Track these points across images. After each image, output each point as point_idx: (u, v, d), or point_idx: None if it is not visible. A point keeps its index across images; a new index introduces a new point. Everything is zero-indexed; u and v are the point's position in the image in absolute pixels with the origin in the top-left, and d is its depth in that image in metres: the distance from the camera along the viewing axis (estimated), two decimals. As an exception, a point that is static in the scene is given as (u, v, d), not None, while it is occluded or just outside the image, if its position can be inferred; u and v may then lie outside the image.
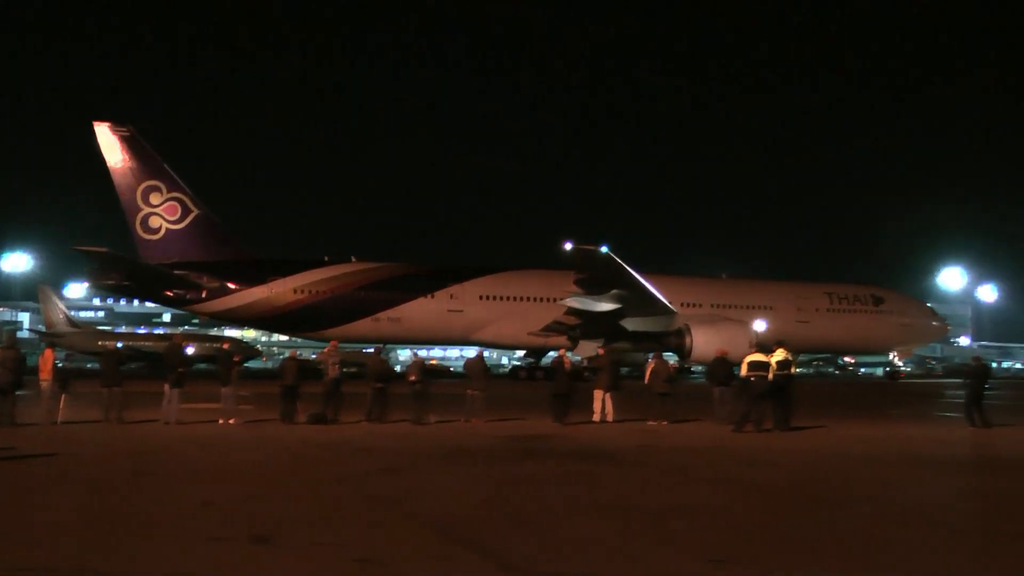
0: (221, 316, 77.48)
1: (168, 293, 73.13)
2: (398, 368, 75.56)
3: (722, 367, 31.63)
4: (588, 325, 72.21)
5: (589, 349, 68.71)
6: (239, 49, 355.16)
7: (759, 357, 28.11)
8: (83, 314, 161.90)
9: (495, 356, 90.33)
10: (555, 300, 73.86)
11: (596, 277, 67.99)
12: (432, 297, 74.70)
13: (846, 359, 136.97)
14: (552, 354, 75.88)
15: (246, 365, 68.33)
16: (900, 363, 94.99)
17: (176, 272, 70.89)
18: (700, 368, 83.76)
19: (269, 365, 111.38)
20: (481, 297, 75.77)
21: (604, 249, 65.04)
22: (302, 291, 72.86)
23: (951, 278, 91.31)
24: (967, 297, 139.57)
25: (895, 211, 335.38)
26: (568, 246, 66.75)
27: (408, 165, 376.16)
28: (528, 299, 76.43)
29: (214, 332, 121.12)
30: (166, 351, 31.38)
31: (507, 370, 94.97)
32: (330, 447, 22.48)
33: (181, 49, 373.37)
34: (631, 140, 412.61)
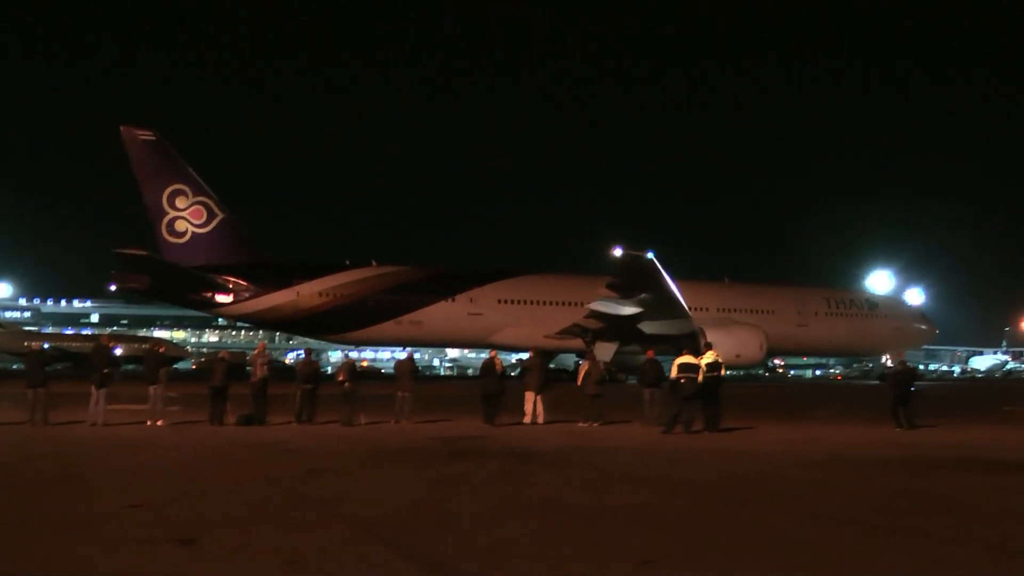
0: (247, 319, 79.49)
1: (195, 296, 73.88)
2: (328, 369, 75.53)
3: (652, 369, 31.77)
4: (609, 328, 74.20)
5: (605, 351, 72.70)
6: (241, 51, 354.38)
7: (689, 359, 28.26)
8: (8, 314, 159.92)
9: (509, 358, 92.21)
10: (570, 304, 76.77)
11: (633, 281, 69.37)
12: (452, 301, 76.64)
13: (776, 361, 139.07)
14: (573, 358, 78.30)
15: (175, 366, 67.93)
16: (891, 365, 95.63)
17: (208, 276, 71.81)
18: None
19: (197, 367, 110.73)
20: (499, 301, 77.97)
21: (650, 255, 66.85)
22: (327, 294, 74.16)
23: (879, 281, 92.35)
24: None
25: (825, 213, 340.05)
26: (618, 251, 67.71)
27: (415, 168, 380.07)
28: (544, 303, 78.74)
29: (142, 333, 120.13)
30: (92, 352, 30.99)
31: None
32: (259, 448, 22.37)
33: (193, 52, 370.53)
34: (632, 142, 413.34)
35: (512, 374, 46.78)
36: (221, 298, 72.90)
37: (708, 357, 28.56)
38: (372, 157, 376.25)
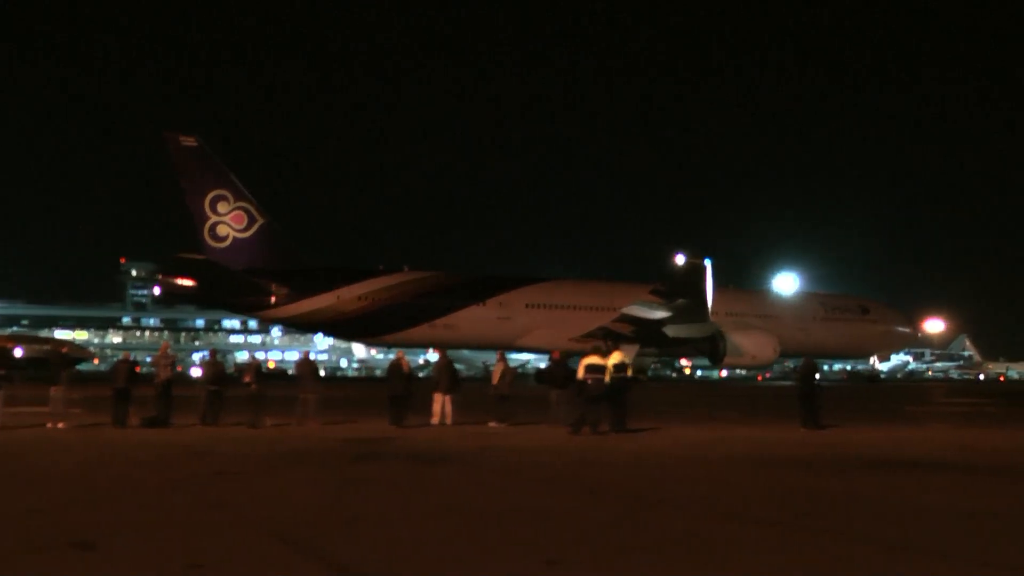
0: (289, 322, 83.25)
1: (240, 300, 76.73)
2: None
3: (559, 370, 31.87)
4: (637, 331, 77.44)
5: (627, 353, 71.91)
6: (264, 56, 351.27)
7: (596, 360, 28.36)
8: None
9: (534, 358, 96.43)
10: (594, 308, 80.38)
11: (680, 287, 72.57)
12: (483, 305, 79.37)
13: (682, 361, 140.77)
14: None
15: (77, 368, 66.98)
16: (880, 367, 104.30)
17: (259, 281, 73.86)
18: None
19: (102, 368, 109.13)
20: (527, 305, 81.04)
21: (708, 262, 71.01)
22: (366, 298, 76.64)
23: (785, 283, 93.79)
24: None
25: (733, 216, 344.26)
26: (680, 258, 71.56)
27: (440, 174, 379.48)
28: (570, 307, 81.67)
29: (43, 334, 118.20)
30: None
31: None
32: (163, 450, 22.07)
33: (202, 55, 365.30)
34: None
35: (420, 375, 46.72)
36: (267, 302, 75.05)
37: (614, 358, 28.68)
38: (398, 163, 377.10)
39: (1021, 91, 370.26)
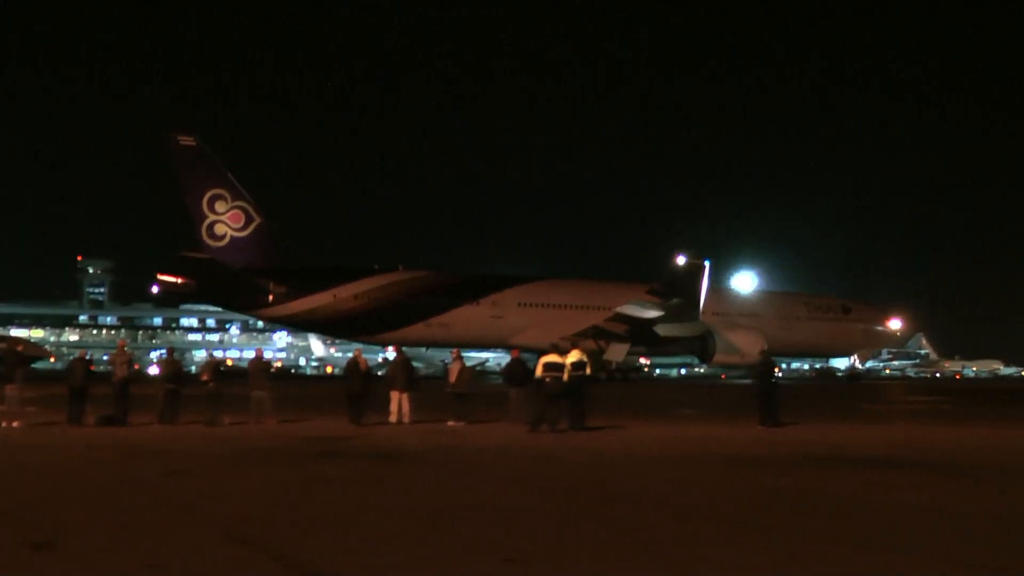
0: (286, 321, 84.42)
1: (240, 299, 78.55)
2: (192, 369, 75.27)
3: (518, 368, 31.92)
4: (629, 330, 79.53)
5: (618, 351, 79.49)
6: (258, 56, 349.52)
7: (554, 358, 28.42)
8: None
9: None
10: (585, 307, 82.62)
11: (678, 287, 74.82)
12: (477, 304, 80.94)
13: (642, 360, 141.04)
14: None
15: (33, 366, 66.46)
16: (860, 366, 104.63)
17: (260, 280, 75.20)
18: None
19: (58, 366, 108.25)
20: (519, 304, 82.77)
21: (707, 262, 73.36)
22: (362, 297, 77.81)
23: (743, 282, 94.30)
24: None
25: (688, 214, 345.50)
26: (681, 259, 73.31)
27: (429, 173, 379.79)
28: (561, 306, 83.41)
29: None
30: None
31: None
32: (120, 449, 21.99)
33: (200, 58, 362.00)
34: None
35: (379, 373, 46.69)
36: (264, 300, 76.30)
37: (573, 356, 28.74)
38: (388, 161, 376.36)
39: (974, 90, 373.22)
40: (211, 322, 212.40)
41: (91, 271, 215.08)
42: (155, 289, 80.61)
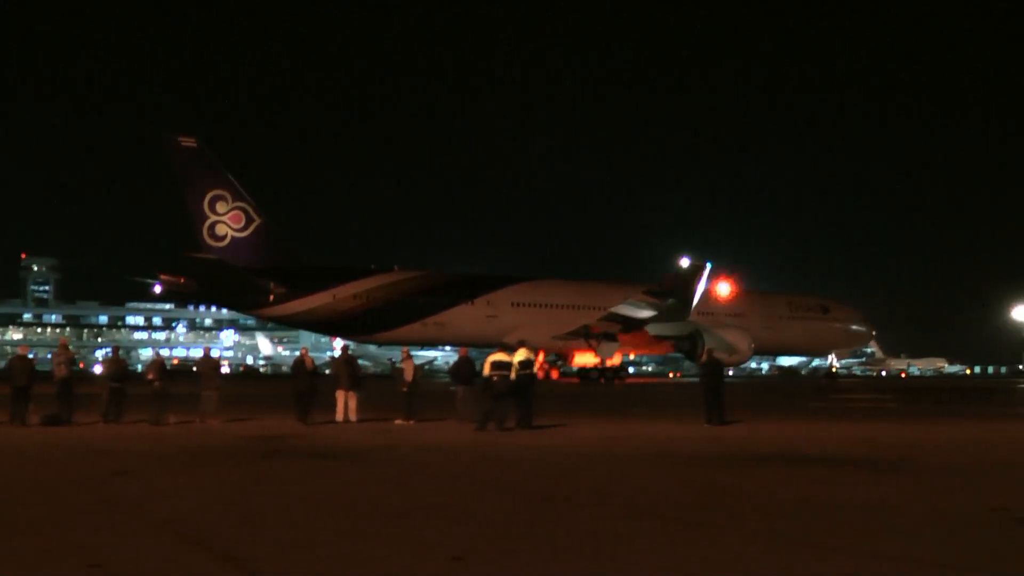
0: (286, 320, 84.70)
1: (241, 299, 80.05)
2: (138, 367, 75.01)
3: (465, 366, 31.96)
4: (625, 329, 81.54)
5: (608, 350, 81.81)
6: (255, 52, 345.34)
7: (501, 357, 28.47)
8: None
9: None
10: (576, 307, 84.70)
11: (677, 288, 76.41)
12: (472, 304, 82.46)
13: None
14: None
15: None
16: (837, 364, 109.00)
17: (263, 280, 76.18)
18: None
19: (1, 364, 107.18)
20: (513, 304, 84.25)
21: (709, 265, 75.27)
22: (361, 297, 78.92)
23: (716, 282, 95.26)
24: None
25: (641, 210, 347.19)
26: (685, 261, 75.44)
27: (425, 172, 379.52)
28: (554, 306, 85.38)
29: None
30: None
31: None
32: (64, 449, 21.86)
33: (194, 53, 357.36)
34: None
35: (326, 372, 46.61)
36: (265, 300, 77.44)
37: (520, 355, 28.81)
38: (383, 160, 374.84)
39: (929, 91, 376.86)
40: (157, 320, 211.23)
41: (35, 268, 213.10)
42: (157, 288, 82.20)
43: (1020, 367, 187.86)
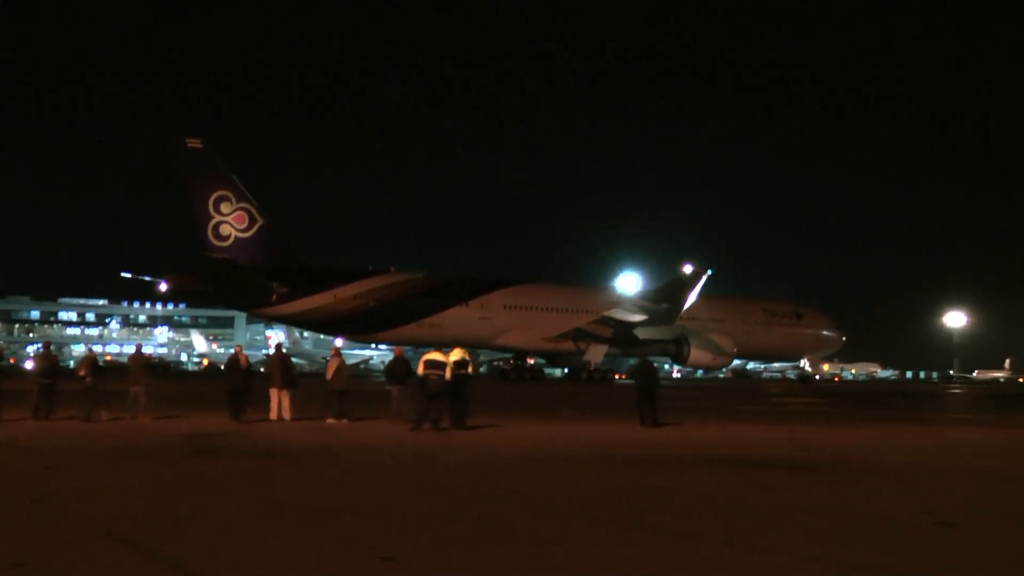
0: (288, 319, 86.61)
1: (247, 299, 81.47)
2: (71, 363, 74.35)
3: (400, 366, 31.95)
4: (615, 333, 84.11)
5: (597, 352, 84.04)
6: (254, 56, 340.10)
7: (436, 356, 28.50)
8: None
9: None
10: (566, 310, 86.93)
11: (674, 294, 79.70)
12: (466, 306, 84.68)
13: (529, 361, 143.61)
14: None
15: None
16: (811, 369, 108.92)
17: (271, 282, 77.49)
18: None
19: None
20: (505, 306, 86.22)
21: (709, 272, 77.95)
22: (360, 298, 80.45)
23: (627, 282, 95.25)
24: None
25: (576, 216, 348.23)
26: (688, 267, 77.67)
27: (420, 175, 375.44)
28: (545, 309, 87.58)
29: None
30: None
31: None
32: (-9, 446, 21.57)
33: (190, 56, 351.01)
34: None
35: (261, 369, 46.39)
36: (269, 300, 78.79)
37: (455, 354, 28.86)
38: (375, 163, 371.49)
39: (886, 88, 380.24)
40: (90, 316, 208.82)
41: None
42: (163, 287, 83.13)
43: (951, 372, 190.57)
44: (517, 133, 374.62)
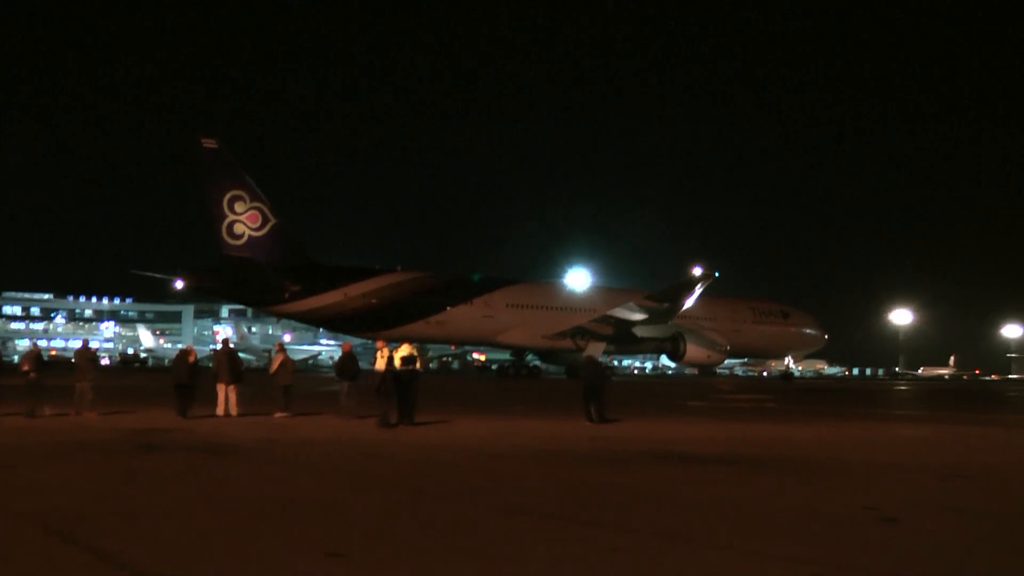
0: (299, 317, 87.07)
1: (261, 296, 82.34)
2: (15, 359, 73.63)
3: (349, 362, 31.91)
4: (615, 331, 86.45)
5: (595, 349, 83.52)
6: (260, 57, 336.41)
7: (385, 351, 28.50)
8: None
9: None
10: (566, 309, 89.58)
11: (676, 294, 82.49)
12: (471, 304, 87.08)
13: (474, 355, 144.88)
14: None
15: None
16: (794, 367, 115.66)
17: (284, 280, 79.14)
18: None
19: None
20: (507, 305, 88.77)
21: (716, 274, 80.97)
22: (369, 296, 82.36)
23: (577, 278, 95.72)
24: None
25: (525, 211, 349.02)
26: (697, 270, 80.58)
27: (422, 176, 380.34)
28: (546, 307, 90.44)
29: None
30: None
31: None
32: (-68, 441, 21.33)
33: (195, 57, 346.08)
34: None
35: (209, 365, 46.21)
36: (281, 297, 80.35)
37: (403, 350, 28.85)
38: (379, 163, 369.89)
39: (864, 85, 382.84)
40: (35, 311, 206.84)
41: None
42: (179, 284, 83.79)
43: (896, 369, 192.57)
44: (518, 133, 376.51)
